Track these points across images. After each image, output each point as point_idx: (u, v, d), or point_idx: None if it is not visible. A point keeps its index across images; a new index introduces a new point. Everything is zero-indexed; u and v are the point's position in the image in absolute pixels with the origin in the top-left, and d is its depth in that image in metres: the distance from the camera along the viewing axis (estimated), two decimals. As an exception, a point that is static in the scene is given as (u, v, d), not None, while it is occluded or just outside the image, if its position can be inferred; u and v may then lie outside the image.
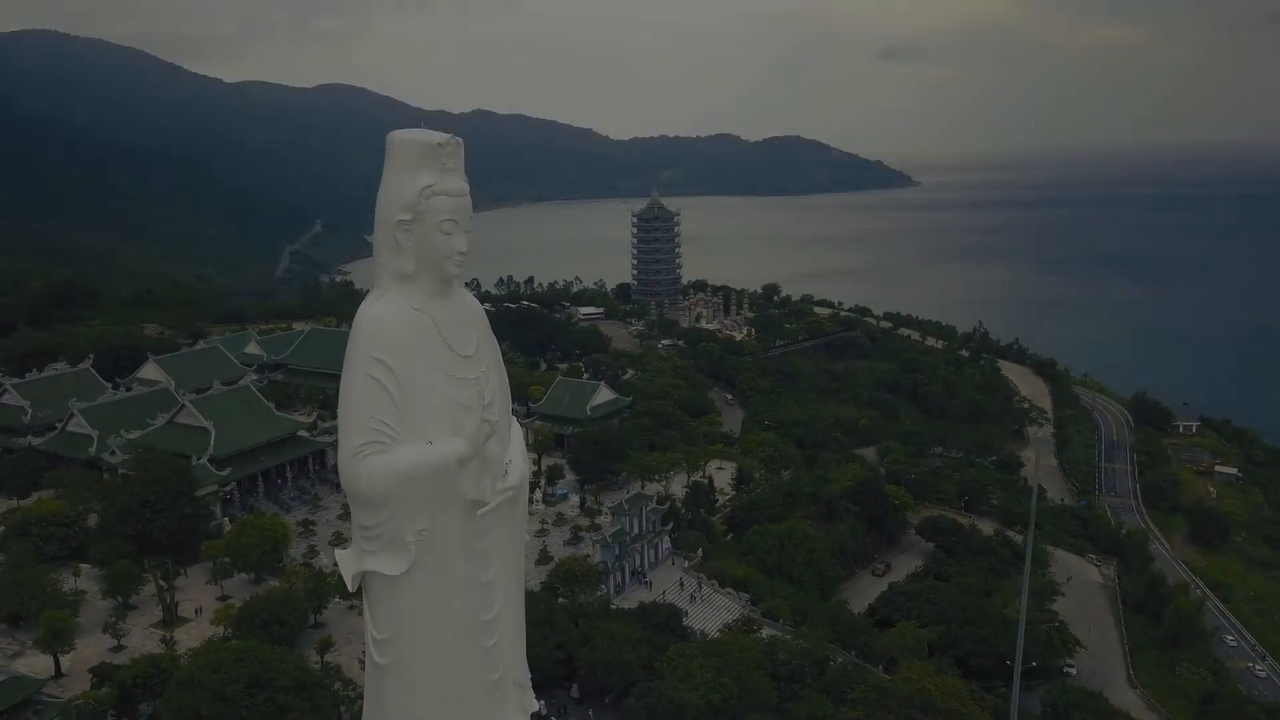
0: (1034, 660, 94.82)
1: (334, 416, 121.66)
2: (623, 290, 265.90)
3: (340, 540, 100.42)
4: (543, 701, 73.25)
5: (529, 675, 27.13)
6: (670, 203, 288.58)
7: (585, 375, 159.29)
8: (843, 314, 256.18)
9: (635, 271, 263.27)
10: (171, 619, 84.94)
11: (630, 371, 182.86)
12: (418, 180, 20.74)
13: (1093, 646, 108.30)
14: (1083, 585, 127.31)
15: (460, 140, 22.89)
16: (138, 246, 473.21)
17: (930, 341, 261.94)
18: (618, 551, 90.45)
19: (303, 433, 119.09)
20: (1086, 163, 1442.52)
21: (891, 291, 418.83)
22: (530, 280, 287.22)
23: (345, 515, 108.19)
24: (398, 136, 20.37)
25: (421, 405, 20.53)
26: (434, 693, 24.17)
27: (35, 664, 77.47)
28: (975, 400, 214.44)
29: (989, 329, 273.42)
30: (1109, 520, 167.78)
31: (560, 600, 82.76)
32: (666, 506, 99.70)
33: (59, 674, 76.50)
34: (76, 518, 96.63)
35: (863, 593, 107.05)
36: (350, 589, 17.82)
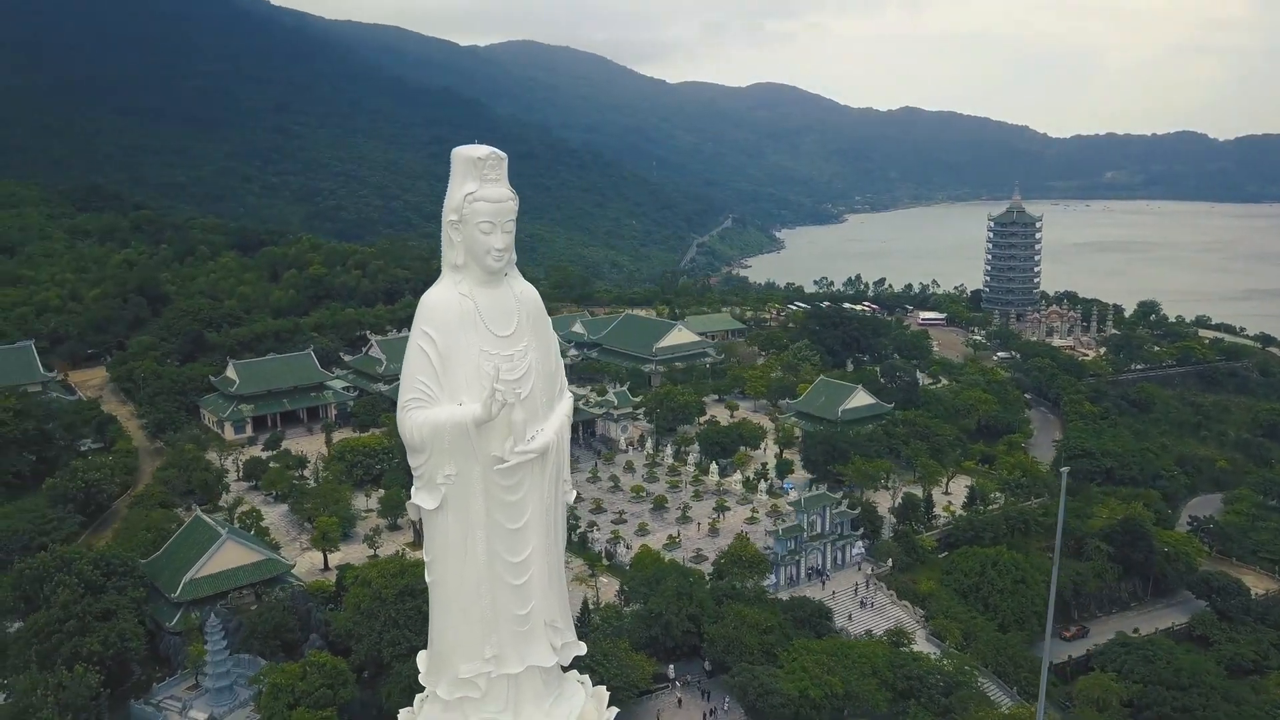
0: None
1: (630, 393, 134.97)
2: (975, 297, 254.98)
3: (578, 498, 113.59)
4: (672, 666, 79.85)
5: (569, 619, 35.10)
6: (1114, 207, 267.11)
7: (882, 379, 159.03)
8: (1229, 341, 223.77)
9: (987, 279, 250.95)
10: (419, 541, 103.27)
11: (943, 380, 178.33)
12: (464, 187, 29.29)
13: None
14: None
15: (502, 155, 31.38)
16: (565, 233, 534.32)
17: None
18: (792, 546, 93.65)
19: (587, 404, 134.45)
20: None
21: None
22: (881, 281, 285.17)
23: (593, 478, 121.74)
24: (455, 151, 27.51)
25: (458, 373, 28.83)
26: (463, 614, 32.72)
27: (315, 559, 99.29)
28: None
29: None
30: None
31: (721, 580, 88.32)
32: (858, 511, 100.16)
33: (326, 568, 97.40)
34: (383, 451, 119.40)
35: (1083, 639, 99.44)
36: (412, 517, 25.00)
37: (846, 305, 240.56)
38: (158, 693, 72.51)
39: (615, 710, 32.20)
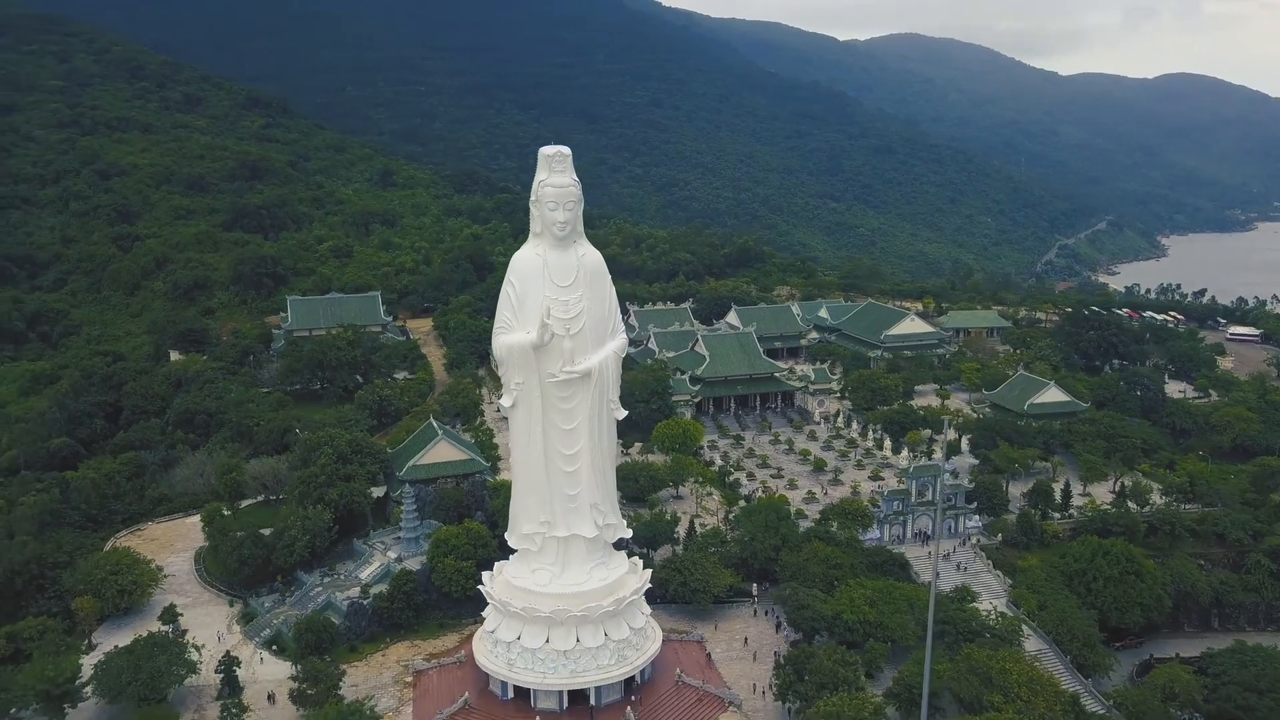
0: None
1: (844, 373, 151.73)
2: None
3: (749, 453, 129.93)
4: (754, 585, 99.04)
5: (615, 506, 58.98)
6: None
7: (1122, 385, 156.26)
8: None
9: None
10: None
11: (1212, 394, 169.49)
12: (538, 176, 54.59)
13: None
14: None
15: (567, 152, 58.40)
16: (910, 228, 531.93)
17: None
18: (897, 507, 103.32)
19: (789, 378, 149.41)
20: None
21: None
22: (1201, 292, 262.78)
23: (774, 440, 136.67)
24: (540, 150, 51.53)
25: (529, 311, 54.68)
26: (526, 488, 58.45)
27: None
28: None
29: None
30: None
31: (826, 526, 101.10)
32: (971, 486, 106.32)
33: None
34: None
35: (1190, 644, 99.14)
36: (502, 414, 45.40)
37: (1148, 313, 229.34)
38: (373, 537, 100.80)
39: (649, 585, 52.08)
